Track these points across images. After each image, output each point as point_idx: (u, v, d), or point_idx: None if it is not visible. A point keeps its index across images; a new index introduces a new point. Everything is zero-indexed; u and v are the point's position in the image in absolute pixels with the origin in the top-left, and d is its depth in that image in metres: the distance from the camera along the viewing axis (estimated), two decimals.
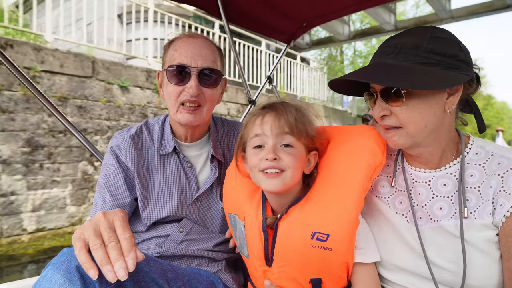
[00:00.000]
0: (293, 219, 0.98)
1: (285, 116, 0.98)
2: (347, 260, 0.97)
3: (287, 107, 1.00)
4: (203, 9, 1.99)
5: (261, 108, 1.03)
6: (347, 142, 1.07)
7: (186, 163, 1.34)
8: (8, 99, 4.50)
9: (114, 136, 1.35)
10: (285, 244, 0.97)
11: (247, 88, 2.29)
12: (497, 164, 0.93)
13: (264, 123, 0.98)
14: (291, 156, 0.96)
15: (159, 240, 1.28)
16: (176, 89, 1.23)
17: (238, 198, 1.13)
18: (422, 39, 0.93)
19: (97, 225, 0.79)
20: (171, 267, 1.09)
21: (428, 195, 1.01)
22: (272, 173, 0.95)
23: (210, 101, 1.27)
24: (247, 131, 1.04)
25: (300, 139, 0.99)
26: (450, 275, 0.93)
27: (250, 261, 1.09)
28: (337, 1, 1.89)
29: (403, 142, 0.98)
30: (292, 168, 0.96)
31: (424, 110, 0.93)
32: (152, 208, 1.29)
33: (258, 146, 0.99)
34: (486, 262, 0.90)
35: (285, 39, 2.35)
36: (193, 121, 1.24)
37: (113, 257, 0.73)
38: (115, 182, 1.27)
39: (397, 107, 0.94)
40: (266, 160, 0.95)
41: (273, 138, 0.97)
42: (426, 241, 0.98)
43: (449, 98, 0.95)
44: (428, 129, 0.95)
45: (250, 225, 1.05)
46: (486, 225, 0.90)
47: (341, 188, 0.98)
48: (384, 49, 0.99)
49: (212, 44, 1.30)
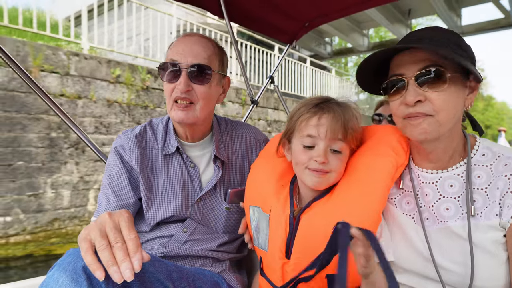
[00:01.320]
0: (316, 213, 1.01)
1: (342, 121, 0.98)
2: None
3: (343, 110, 1.01)
4: (205, 9, 1.99)
5: (316, 106, 1.02)
6: (372, 141, 1.10)
7: (189, 163, 1.34)
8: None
9: (118, 136, 1.35)
10: (305, 237, 1.00)
11: (250, 88, 2.29)
12: (504, 165, 0.93)
13: (320, 125, 0.99)
14: (339, 161, 1.01)
15: (163, 240, 1.28)
16: (169, 87, 1.23)
17: (264, 191, 1.15)
18: (451, 35, 0.97)
19: (103, 225, 0.79)
20: (176, 267, 1.09)
21: (435, 196, 1.01)
22: (319, 173, 1.01)
23: (202, 99, 1.24)
24: (300, 126, 1.04)
25: (350, 144, 1.03)
26: (457, 277, 0.93)
27: (270, 254, 1.10)
28: (339, 1, 1.88)
29: (431, 131, 0.94)
30: (338, 172, 1.03)
31: (456, 100, 0.94)
32: (156, 208, 1.29)
33: (309, 146, 1.02)
34: (493, 264, 0.89)
35: (287, 39, 2.35)
36: (185, 118, 1.23)
37: (119, 258, 0.73)
38: (119, 182, 1.27)
39: (435, 93, 0.91)
40: (315, 161, 1.00)
41: (326, 142, 1.00)
42: (433, 242, 0.97)
43: (469, 95, 0.97)
44: (454, 121, 0.95)
45: (276, 217, 1.07)
46: (493, 226, 0.90)
47: (366, 186, 1.00)
48: (412, 38, 0.99)
49: (208, 42, 1.28)
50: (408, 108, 0.95)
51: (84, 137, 1.63)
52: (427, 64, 0.92)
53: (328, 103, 1.03)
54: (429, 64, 0.92)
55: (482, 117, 42.47)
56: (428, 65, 0.92)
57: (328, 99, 1.05)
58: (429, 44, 0.94)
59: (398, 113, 0.99)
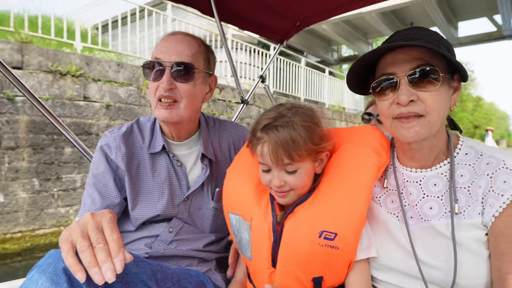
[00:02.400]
0: (300, 218, 0.98)
1: (282, 147, 0.94)
2: (351, 258, 0.98)
3: (284, 133, 0.95)
4: (196, 8, 1.97)
5: (262, 131, 0.98)
6: (352, 142, 1.09)
7: (176, 162, 1.33)
8: None
9: (104, 134, 1.34)
10: (290, 244, 0.98)
11: (240, 88, 2.29)
12: (486, 164, 0.94)
13: (264, 154, 0.97)
14: (297, 178, 0.99)
15: (148, 241, 1.27)
16: (154, 85, 1.22)
17: (243, 199, 1.11)
18: (436, 34, 0.97)
19: (85, 226, 0.78)
20: (161, 267, 1.08)
21: (419, 194, 1.02)
22: (281, 193, 1.00)
23: (186, 97, 1.23)
24: (252, 149, 1.03)
25: (303, 158, 0.98)
26: (440, 274, 0.94)
27: (254, 264, 1.07)
28: (330, 2, 1.89)
29: (424, 133, 0.94)
30: (300, 187, 1.01)
31: (445, 100, 0.95)
32: (141, 207, 1.27)
33: (265, 170, 1.01)
34: (476, 262, 0.90)
35: (279, 39, 2.35)
36: (168, 117, 1.21)
37: (100, 259, 0.72)
38: (104, 181, 1.25)
39: (427, 93, 0.91)
40: (274, 185, 0.99)
41: (276, 168, 0.98)
42: (417, 241, 0.98)
43: (453, 95, 0.98)
44: (442, 120, 0.96)
45: (259, 226, 1.03)
46: (476, 225, 0.91)
47: (349, 187, 0.99)
48: (406, 36, 0.98)
49: (192, 40, 1.27)
50: (400, 108, 0.94)
51: (71, 137, 1.61)
52: (420, 63, 0.92)
53: (270, 126, 0.97)
54: (422, 63, 0.92)
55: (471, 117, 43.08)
56: (421, 64, 0.92)
57: (276, 117, 0.98)
58: (425, 43, 0.92)
59: (388, 113, 0.98)
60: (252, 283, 1.11)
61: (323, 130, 1.04)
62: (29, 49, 4.56)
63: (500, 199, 0.88)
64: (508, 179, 0.89)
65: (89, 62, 5.14)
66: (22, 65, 4.52)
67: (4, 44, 4.39)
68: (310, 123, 1.00)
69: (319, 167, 1.05)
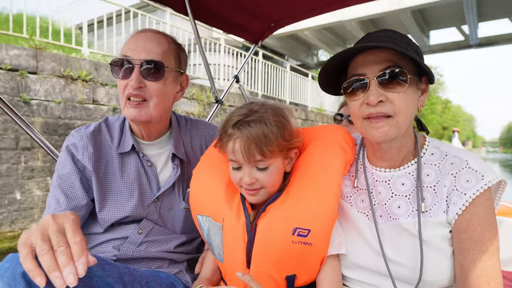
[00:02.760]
0: (273, 217, 0.98)
1: (254, 143, 0.94)
2: (324, 254, 1.00)
3: (257, 129, 0.96)
4: (170, 6, 1.94)
5: (234, 127, 0.98)
6: (319, 141, 1.11)
7: (146, 162, 1.30)
8: None
9: (70, 133, 1.29)
10: (264, 243, 0.97)
11: (214, 88, 2.27)
12: (451, 164, 0.98)
13: (235, 151, 0.97)
14: (268, 175, 0.99)
15: (116, 243, 1.24)
16: (122, 83, 1.19)
17: (212, 199, 1.09)
18: (408, 38, 1.00)
19: (45, 229, 0.74)
20: (128, 270, 1.05)
21: (388, 194, 1.04)
22: (251, 191, 1.00)
23: (156, 96, 1.20)
24: (222, 146, 1.02)
25: (275, 154, 0.98)
26: (407, 271, 0.97)
27: (227, 265, 1.05)
28: (305, 3, 1.90)
29: (392, 133, 0.96)
30: (271, 184, 1.01)
31: (413, 100, 0.97)
32: (110, 208, 1.24)
33: (236, 168, 1.00)
34: (440, 258, 0.94)
35: (253, 39, 2.34)
36: (137, 116, 1.18)
37: (61, 263, 0.69)
38: (70, 182, 1.21)
39: (395, 93, 0.93)
40: (245, 182, 0.98)
41: (248, 165, 0.98)
42: (385, 239, 1.01)
43: (421, 97, 1.02)
44: (410, 121, 0.99)
45: (231, 227, 1.02)
46: (441, 222, 0.94)
47: (319, 184, 1.01)
48: (378, 38, 0.99)
49: (162, 38, 1.25)
50: (369, 108, 0.96)
51: (37, 137, 1.54)
52: (389, 65, 0.94)
53: (242, 122, 0.97)
54: (391, 65, 0.94)
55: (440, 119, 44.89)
56: (390, 66, 0.94)
57: (247, 113, 0.99)
58: (394, 45, 0.94)
59: (359, 113, 1.00)
60: (225, 282, 1.11)
61: (293, 127, 1.05)
62: (43, 55, 4.89)
63: (463, 197, 0.91)
64: (471, 179, 0.92)
65: (98, 67, 5.49)
66: (37, 71, 4.84)
67: (20, 50, 4.70)
68: (281, 119, 1.01)
69: (289, 165, 1.06)
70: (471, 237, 0.90)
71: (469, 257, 0.89)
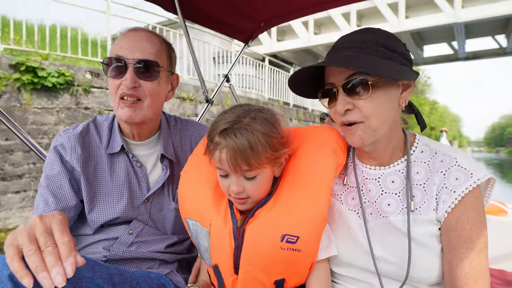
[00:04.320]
0: (261, 222, 0.96)
1: (241, 153, 0.91)
2: (313, 259, 0.99)
3: (242, 138, 0.91)
4: (159, 5, 1.92)
5: (220, 134, 0.94)
6: (311, 143, 1.09)
7: (136, 163, 1.29)
8: None
9: (58, 134, 1.27)
10: (253, 248, 0.95)
11: (204, 87, 2.26)
12: (440, 161, 0.98)
13: (222, 160, 0.94)
14: (255, 185, 0.97)
15: (106, 243, 1.22)
16: (115, 83, 1.17)
17: (200, 203, 1.06)
18: (379, 36, 0.98)
19: (32, 229, 0.73)
20: (118, 271, 1.04)
21: (378, 191, 1.05)
22: (239, 200, 0.98)
23: (150, 95, 1.20)
24: (209, 154, 0.98)
25: (263, 165, 0.95)
26: (395, 268, 0.97)
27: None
28: (295, 3, 1.91)
29: (367, 137, 0.98)
30: (257, 194, 0.99)
31: (385, 104, 0.97)
32: (99, 209, 1.22)
33: (223, 175, 0.98)
34: (429, 256, 0.95)
35: (243, 38, 2.34)
36: (132, 116, 1.17)
37: (49, 263, 0.68)
38: (59, 183, 1.19)
39: (361, 100, 0.95)
40: (232, 191, 0.96)
41: (235, 174, 0.96)
42: (376, 237, 1.01)
43: (403, 94, 1.01)
44: (388, 123, 0.99)
45: (218, 232, 0.99)
46: (430, 220, 0.95)
47: (310, 190, 0.98)
48: (344, 44, 1.00)
49: (155, 37, 1.24)
50: (341, 117, 1.00)
51: (25, 139, 1.51)
52: (351, 73, 0.95)
53: (228, 131, 0.93)
54: (353, 73, 0.95)
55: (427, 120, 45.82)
56: (352, 74, 0.95)
57: (234, 120, 0.94)
58: (358, 53, 0.97)
59: (336, 120, 1.03)
60: (214, 286, 1.08)
61: (283, 135, 1.01)
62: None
63: (453, 195, 0.92)
64: (460, 176, 0.93)
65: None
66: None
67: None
68: (270, 128, 0.96)
69: (278, 170, 1.04)
70: (460, 235, 0.91)
71: (457, 255, 0.90)
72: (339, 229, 1.08)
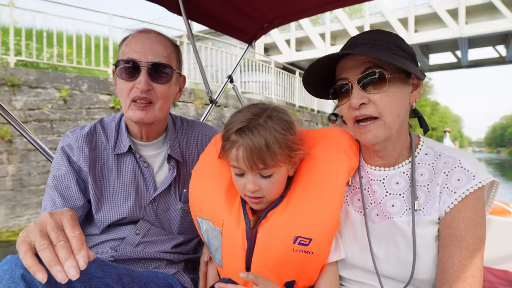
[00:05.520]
0: (274, 224, 0.96)
1: (257, 152, 0.91)
2: (324, 262, 0.99)
3: (260, 137, 0.91)
4: (163, 6, 1.93)
5: (237, 133, 0.94)
6: (324, 146, 1.08)
7: (143, 163, 1.29)
8: None
9: (65, 134, 1.27)
10: (265, 250, 0.95)
11: (208, 88, 2.27)
12: (444, 163, 0.99)
13: (239, 159, 0.93)
14: (271, 184, 0.97)
15: (114, 243, 1.23)
16: (127, 85, 1.17)
17: (212, 203, 1.06)
18: (391, 36, 1.00)
19: (43, 225, 0.74)
20: (127, 271, 1.04)
21: (382, 192, 1.05)
22: (254, 199, 0.98)
23: (162, 98, 1.21)
24: (225, 153, 0.98)
25: (278, 163, 0.95)
26: (399, 270, 0.97)
27: (226, 270, 1.03)
28: (298, 4, 1.92)
29: (381, 135, 0.98)
30: (273, 193, 0.99)
31: (399, 100, 0.98)
32: (106, 210, 1.23)
33: (239, 174, 0.98)
34: (432, 257, 0.95)
35: (247, 39, 2.35)
36: (144, 118, 1.18)
37: (62, 257, 0.68)
38: (66, 183, 1.20)
39: (377, 95, 0.95)
40: (248, 189, 0.96)
41: (251, 172, 0.95)
42: (381, 238, 1.01)
43: (413, 92, 1.02)
44: (400, 120, 0.99)
45: (231, 233, 0.99)
46: (433, 221, 0.95)
47: (323, 193, 0.98)
48: (358, 41, 1.01)
49: (166, 40, 1.24)
50: (354, 111, 0.99)
51: (31, 138, 1.52)
52: (367, 67, 0.96)
53: (245, 129, 0.93)
54: (369, 67, 0.96)
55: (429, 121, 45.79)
56: (368, 67, 0.96)
57: (251, 119, 0.95)
58: (372, 48, 0.98)
59: (348, 116, 1.03)
60: None
61: (297, 134, 1.02)
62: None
63: (453, 196, 0.93)
64: (462, 178, 0.93)
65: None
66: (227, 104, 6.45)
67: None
68: (286, 126, 0.97)
69: (292, 170, 1.04)
70: (452, 233, 0.91)
71: (447, 252, 0.91)
72: (346, 230, 1.08)
